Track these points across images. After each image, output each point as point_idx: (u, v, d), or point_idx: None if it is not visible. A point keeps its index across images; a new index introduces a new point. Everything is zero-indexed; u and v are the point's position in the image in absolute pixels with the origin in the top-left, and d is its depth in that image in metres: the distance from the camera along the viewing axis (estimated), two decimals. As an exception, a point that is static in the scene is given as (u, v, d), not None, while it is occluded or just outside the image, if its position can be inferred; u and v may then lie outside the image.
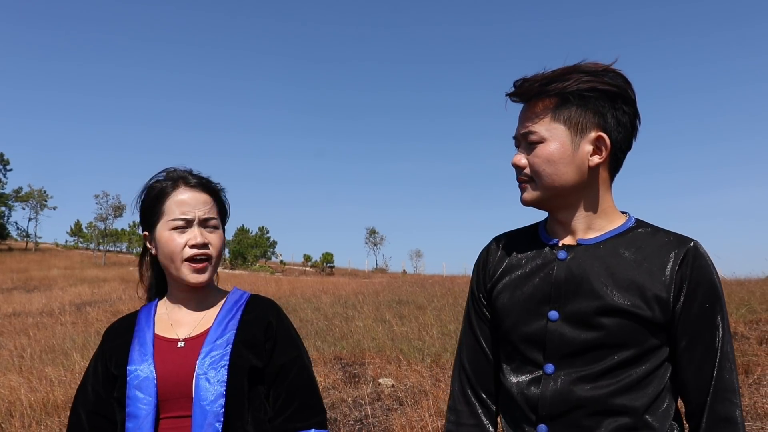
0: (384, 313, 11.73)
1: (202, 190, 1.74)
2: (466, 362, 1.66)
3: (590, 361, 1.42)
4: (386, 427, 5.39)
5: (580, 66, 1.45)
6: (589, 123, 1.44)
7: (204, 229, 1.71)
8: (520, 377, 1.51)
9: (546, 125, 1.45)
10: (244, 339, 1.72)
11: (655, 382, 1.43)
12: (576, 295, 1.44)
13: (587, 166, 1.46)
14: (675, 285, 1.40)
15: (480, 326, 1.65)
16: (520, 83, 1.48)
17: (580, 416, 1.42)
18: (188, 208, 1.70)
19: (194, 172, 1.80)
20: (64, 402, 6.49)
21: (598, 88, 1.44)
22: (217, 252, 1.73)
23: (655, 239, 1.47)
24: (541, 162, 1.45)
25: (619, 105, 1.46)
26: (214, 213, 1.74)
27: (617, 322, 1.40)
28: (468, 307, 1.71)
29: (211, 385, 1.63)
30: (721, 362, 1.40)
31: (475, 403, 1.63)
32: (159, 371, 1.66)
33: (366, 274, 43.76)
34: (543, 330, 1.47)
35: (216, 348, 1.68)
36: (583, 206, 1.50)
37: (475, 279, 1.69)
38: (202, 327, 1.74)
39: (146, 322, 1.78)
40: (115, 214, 62.26)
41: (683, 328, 1.41)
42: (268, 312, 1.82)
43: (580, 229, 1.51)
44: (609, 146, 1.46)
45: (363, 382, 7.01)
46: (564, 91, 1.43)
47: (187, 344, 1.71)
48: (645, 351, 1.41)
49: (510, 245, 1.63)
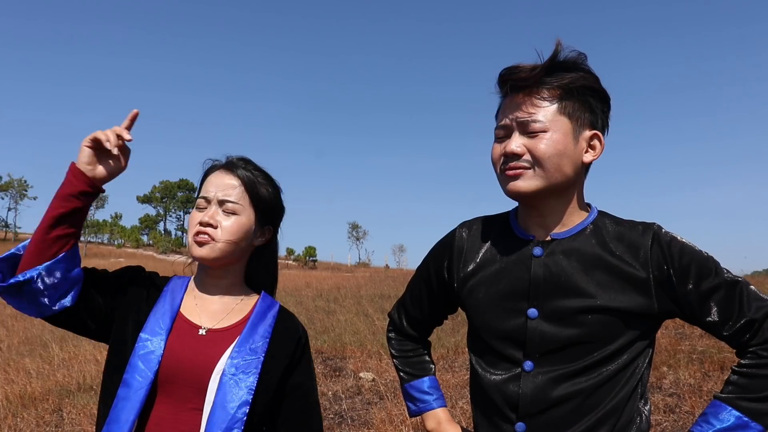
0: (366, 307, 11.74)
1: (233, 175, 1.70)
2: (408, 304, 1.83)
3: (570, 358, 1.43)
4: (366, 421, 5.41)
5: (574, 61, 1.45)
6: (585, 120, 1.45)
7: (222, 211, 1.66)
8: (495, 374, 1.51)
9: (551, 115, 1.42)
10: (275, 352, 1.67)
11: (632, 374, 1.44)
12: (555, 293, 1.45)
13: (581, 162, 1.46)
14: (653, 265, 1.41)
15: (429, 294, 1.76)
16: (515, 70, 1.45)
17: (559, 413, 1.43)
18: (212, 188, 1.68)
19: (248, 161, 1.76)
20: (42, 394, 6.44)
21: (595, 88, 1.46)
22: (227, 235, 1.65)
23: (620, 228, 1.48)
24: (547, 149, 1.41)
25: (606, 108, 1.49)
26: (238, 198, 1.67)
27: (598, 319, 1.41)
28: (427, 270, 1.74)
29: (239, 389, 1.57)
30: (740, 296, 1.38)
31: (413, 333, 1.84)
32: (170, 351, 1.59)
33: (348, 268, 43.72)
34: (522, 327, 1.47)
35: (249, 353, 1.63)
36: (566, 202, 1.50)
37: (446, 262, 1.66)
38: (227, 321, 1.69)
39: (177, 293, 1.72)
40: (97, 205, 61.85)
41: (693, 309, 1.41)
42: (298, 327, 1.78)
43: (555, 224, 1.50)
44: (603, 145, 1.48)
45: (344, 375, 7.03)
46: (569, 85, 1.43)
47: (209, 335, 1.65)
48: (623, 345, 1.42)
49: (483, 236, 1.62)
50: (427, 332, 1.87)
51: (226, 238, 1.65)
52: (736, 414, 1.34)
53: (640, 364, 1.46)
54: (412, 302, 1.81)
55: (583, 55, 1.46)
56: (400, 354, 1.84)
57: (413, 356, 1.83)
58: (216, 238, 1.64)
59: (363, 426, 5.29)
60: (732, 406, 1.35)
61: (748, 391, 1.35)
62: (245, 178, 1.70)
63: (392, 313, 1.89)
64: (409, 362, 1.83)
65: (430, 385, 1.78)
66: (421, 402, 1.77)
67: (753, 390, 1.34)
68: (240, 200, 1.68)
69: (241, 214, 1.67)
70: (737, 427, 1.33)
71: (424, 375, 1.80)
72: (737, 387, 1.36)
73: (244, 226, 1.68)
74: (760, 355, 1.35)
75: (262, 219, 1.73)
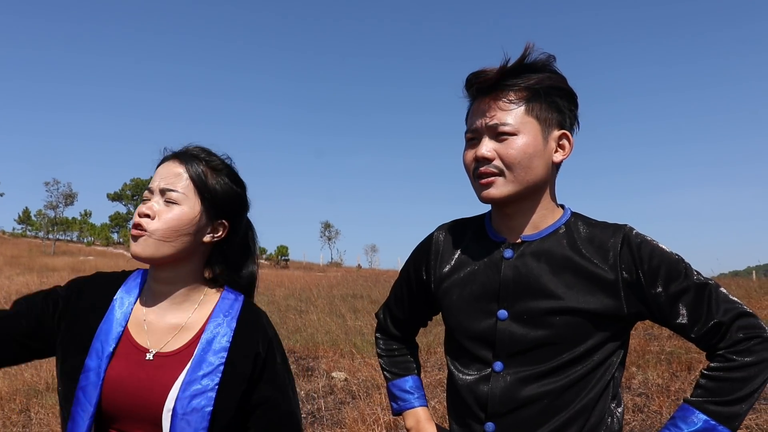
0: (338, 306, 11.73)
1: (181, 164, 1.54)
2: (393, 305, 1.86)
3: (539, 358, 1.44)
4: (338, 421, 5.40)
5: (541, 63, 1.46)
6: (554, 120, 1.46)
7: (163, 201, 1.50)
8: (467, 375, 1.53)
9: (520, 118, 1.43)
10: (233, 371, 1.50)
11: (602, 376, 1.46)
12: (524, 294, 1.46)
13: (551, 162, 1.47)
14: (622, 267, 1.42)
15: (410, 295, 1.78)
16: (481, 74, 1.46)
17: (527, 413, 1.44)
18: (156, 178, 1.53)
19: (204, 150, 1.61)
20: (9, 394, 6.33)
21: (563, 88, 1.47)
22: (162, 225, 1.47)
23: (592, 229, 1.49)
24: (517, 153, 1.42)
25: (573, 107, 1.50)
26: (180, 187, 1.50)
27: (566, 320, 1.42)
28: (407, 272, 1.77)
29: (191, 428, 1.41)
30: (709, 299, 1.39)
31: (397, 333, 1.87)
32: (113, 381, 1.43)
33: (321, 267, 43.59)
34: (492, 328, 1.48)
35: (200, 386, 1.45)
36: (539, 204, 1.50)
37: (424, 264, 1.68)
38: (178, 341, 1.51)
39: (126, 301, 1.55)
40: (66, 202, 60.86)
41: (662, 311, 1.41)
42: (259, 336, 1.59)
43: (526, 226, 1.51)
44: (572, 144, 1.49)
45: (316, 375, 7.02)
46: (535, 86, 1.43)
47: (157, 360, 1.47)
48: (593, 347, 1.44)
49: (458, 239, 1.63)
50: (411, 333, 1.89)
51: (162, 228, 1.46)
52: (703, 418, 1.35)
53: (610, 365, 1.47)
54: (396, 303, 1.84)
55: (552, 57, 1.47)
56: (386, 353, 1.87)
57: (398, 356, 1.85)
58: (149, 230, 1.46)
59: (335, 425, 5.29)
60: (700, 410, 1.36)
61: (716, 394, 1.36)
62: (191, 167, 1.53)
63: (378, 314, 1.92)
64: (393, 362, 1.85)
65: (412, 384, 1.80)
66: (402, 401, 1.79)
67: (721, 393, 1.35)
68: (184, 189, 1.51)
69: (182, 204, 1.50)
70: (705, 430, 1.34)
71: (407, 374, 1.82)
72: (706, 390, 1.37)
73: (186, 216, 1.49)
74: (728, 359, 1.37)
75: (211, 212, 1.55)
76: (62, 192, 60.15)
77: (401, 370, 1.83)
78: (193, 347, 1.50)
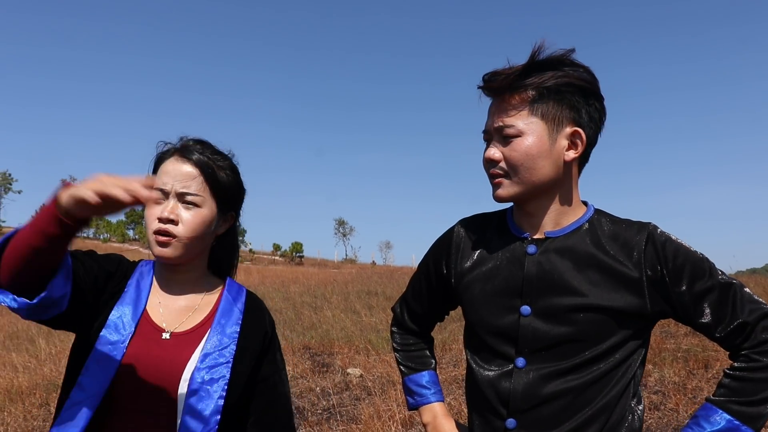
0: (353, 303, 11.74)
1: (190, 162, 1.57)
2: (410, 299, 1.85)
3: (561, 355, 1.44)
4: (354, 417, 5.42)
5: (554, 59, 1.45)
6: (565, 118, 1.45)
7: (181, 204, 1.55)
8: (489, 370, 1.53)
9: (524, 119, 1.43)
10: (244, 350, 1.61)
11: (624, 373, 1.45)
12: (548, 290, 1.46)
13: (563, 161, 1.46)
14: (646, 266, 1.41)
15: (429, 289, 1.77)
16: (493, 76, 1.47)
17: (549, 410, 1.44)
18: (168, 179, 1.55)
19: (204, 144, 1.64)
20: (29, 388, 6.42)
21: (574, 84, 1.45)
22: (190, 231, 1.54)
23: (616, 227, 1.49)
24: (520, 156, 1.43)
25: (591, 101, 1.48)
26: (197, 189, 1.55)
27: (589, 317, 1.42)
28: (427, 266, 1.76)
29: (211, 399, 1.51)
30: (734, 298, 1.39)
31: (414, 328, 1.86)
32: (131, 357, 1.48)
33: (335, 264, 43.66)
34: (515, 324, 1.48)
35: (218, 356, 1.55)
36: (556, 201, 1.50)
37: (444, 258, 1.68)
38: (191, 322, 1.60)
39: (143, 286, 1.61)
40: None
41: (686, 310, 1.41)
42: (265, 318, 1.73)
43: (548, 222, 1.51)
44: (585, 141, 1.47)
45: (331, 371, 7.04)
46: (541, 85, 1.43)
47: (173, 339, 1.55)
48: (615, 344, 1.43)
49: (480, 233, 1.63)
50: (428, 327, 1.88)
51: (189, 234, 1.54)
52: (727, 417, 1.35)
53: (632, 363, 1.47)
54: (414, 297, 1.83)
55: (569, 51, 1.46)
56: (402, 348, 1.86)
57: (414, 350, 1.85)
58: (178, 235, 1.53)
59: (351, 421, 5.31)
60: (723, 410, 1.36)
61: (739, 394, 1.36)
62: (203, 166, 1.58)
63: (395, 308, 1.91)
64: (409, 356, 1.84)
65: (428, 379, 1.80)
66: (418, 395, 1.79)
67: (745, 393, 1.35)
68: (200, 191, 1.56)
69: (202, 207, 1.56)
70: (728, 430, 1.34)
71: (424, 369, 1.82)
72: (729, 390, 1.37)
73: (207, 219, 1.57)
74: (753, 359, 1.36)
75: (223, 207, 1.63)
76: (79, 189, 60.57)
77: (418, 364, 1.83)
78: (206, 326, 1.61)
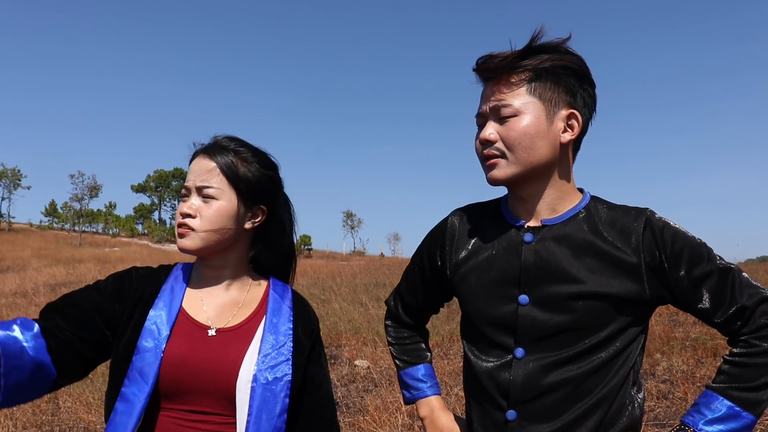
0: (361, 295, 11.75)
1: (209, 156, 1.60)
2: (404, 291, 1.83)
3: (561, 344, 1.43)
4: (361, 408, 5.43)
5: (551, 45, 1.44)
6: (561, 100, 1.43)
7: (201, 198, 1.57)
8: (487, 361, 1.51)
9: (521, 98, 1.41)
10: (298, 348, 1.62)
11: (624, 362, 1.44)
12: (546, 279, 1.44)
13: (559, 143, 1.45)
14: (644, 251, 1.40)
15: (423, 281, 1.75)
16: (488, 59, 1.45)
17: (550, 401, 1.43)
18: (191, 176, 1.59)
19: (233, 139, 1.65)
20: (38, 383, 6.44)
21: (570, 66, 1.44)
22: (207, 223, 1.55)
23: (613, 213, 1.47)
24: (517, 135, 1.41)
25: (585, 86, 1.47)
26: (215, 182, 1.57)
27: (588, 305, 1.40)
28: (421, 258, 1.74)
29: (277, 399, 1.51)
30: (732, 283, 1.38)
31: (409, 321, 1.84)
32: (174, 357, 1.48)
33: (343, 256, 43.72)
34: (513, 314, 1.47)
35: (276, 357, 1.55)
36: (551, 186, 1.48)
37: (438, 250, 1.66)
38: (238, 318, 1.60)
39: (177, 288, 1.62)
40: (91, 194, 61.66)
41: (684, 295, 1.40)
42: (313, 316, 1.75)
43: (544, 209, 1.49)
44: (581, 123, 1.46)
45: (339, 363, 7.05)
46: (538, 66, 1.41)
47: (220, 335, 1.56)
48: (614, 332, 1.42)
49: (474, 223, 1.61)
50: (423, 320, 1.86)
51: (206, 227, 1.56)
52: (728, 404, 1.33)
53: (632, 351, 1.45)
54: (408, 290, 1.81)
55: (566, 39, 1.45)
56: (397, 341, 1.84)
57: (409, 344, 1.83)
58: (195, 227, 1.55)
59: (358, 413, 5.31)
60: (724, 396, 1.34)
61: (739, 380, 1.34)
62: (221, 160, 1.59)
63: (389, 301, 1.89)
64: (404, 350, 1.83)
65: (424, 372, 1.78)
66: (414, 389, 1.77)
67: (745, 379, 1.34)
68: (218, 184, 1.57)
69: (220, 199, 1.57)
70: (729, 417, 1.32)
71: (419, 362, 1.80)
72: (729, 376, 1.36)
73: (225, 211, 1.57)
74: (752, 344, 1.35)
75: (248, 200, 1.62)
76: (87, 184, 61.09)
77: (413, 358, 1.81)
78: (255, 322, 1.61)
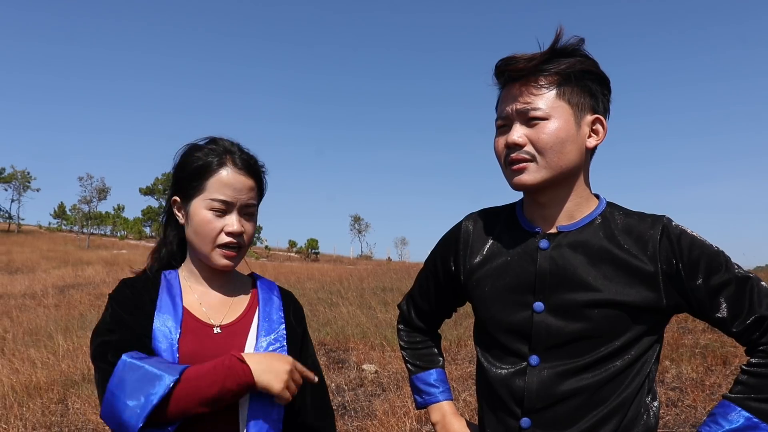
0: (368, 299, 11.73)
1: (248, 173, 1.61)
2: (417, 296, 1.82)
3: (576, 352, 1.41)
4: (369, 413, 5.42)
5: (571, 48, 1.42)
6: (587, 104, 1.43)
7: (242, 216, 1.60)
8: (501, 368, 1.50)
9: (551, 102, 1.40)
10: (291, 336, 1.68)
11: (639, 370, 1.42)
12: (561, 286, 1.43)
13: (585, 148, 1.44)
14: (661, 259, 1.38)
15: (437, 286, 1.74)
16: (513, 60, 1.43)
17: (565, 409, 1.41)
18: (231, 192, 1.57)
19: (242, 148, 1.66)
20: (47, 384, 6.47)
21: (594, 71, 1.43)
22: (249, 240, 1.63)
23: (630, 220, 1.45)
24: (549, 138, 1.39)
25: (605, 91, 1.47)
26: (255, 200, 1.63)
27: (604, 313, 1.39)
28: (434, 262, 1.73)
29: None
30: (751, 292, 1.36)
31: (421, 325, 1.84)
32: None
33: (351, 260, 43.71)
34: (528, 321, 1.45)
35: (274, 342, 1.62)
36: (572, 192, 1.47)
37: (452, 255, 1.65)
38: (234, 313, 1.65)
39: (174, 290, 1.63)
40: (100, 196, 61.92)
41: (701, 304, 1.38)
42: (299, 305, 1.80)
43: (562, 215, 1.48)
44: (606, 128, 1.45)
45: (346, 367, 7.04)
46: (567, 70, 1.40)
47: (224, 332, 1.61)
48: (630, 340, 1.40)
49: (488, 228, 1.59)
50: (435, 324, 1.86)
51: (249, 244, 1.65)
52: (746, 415, 1.32)
53: (647, 359, 1.44)
54: (420, 294, 1.80)
55: (582, 40, 1.44)
56: (409, 346, 1.84)
57: (421, 348, 1.83)
58: (242, 246, 1.63)
59: (366, 417, 5.31)
60: (741, 407, 1.33)
61: (758, 391, 1.33)
62: (259, 178, 1.66)
63: (401, 305, 1.88)
64: (417, 354, 1.82)
65: (436, 377, 1.78)
66: (427, 394, 1.77)
67: (763, 390, 1.32)
68: (256, 201, 1.65)
69: (256, 215, 1.67)
70: (747, 428, 1.31)
71: (432, 367, 1.79)
72: (747, 387, 1.34)
73: (256, 226, 1.69)
74: None
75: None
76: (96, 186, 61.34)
77: (425, 362, 1.81)
78: (250, 315, 1.67)
